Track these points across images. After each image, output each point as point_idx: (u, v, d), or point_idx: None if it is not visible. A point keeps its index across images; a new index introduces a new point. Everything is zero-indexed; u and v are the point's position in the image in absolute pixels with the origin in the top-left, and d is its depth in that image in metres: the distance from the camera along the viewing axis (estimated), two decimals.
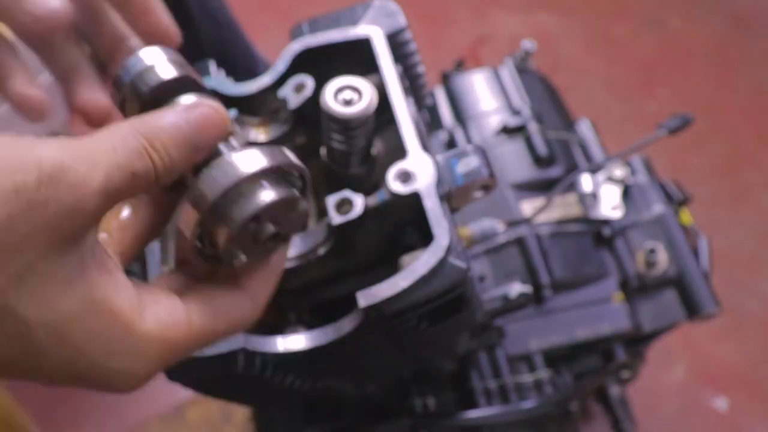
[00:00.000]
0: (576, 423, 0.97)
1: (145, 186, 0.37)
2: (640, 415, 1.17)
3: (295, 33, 0.60)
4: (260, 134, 0.58)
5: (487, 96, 1.07)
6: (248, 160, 0.37)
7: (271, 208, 0.37)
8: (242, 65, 1.09)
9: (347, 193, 0.53)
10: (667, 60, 1.93)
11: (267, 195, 0.37)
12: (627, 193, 0.98)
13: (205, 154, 0.39)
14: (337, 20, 0.60)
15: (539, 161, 0.98)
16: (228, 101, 0.57)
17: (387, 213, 0.56)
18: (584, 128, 1.07)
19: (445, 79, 1.11)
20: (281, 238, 0.42)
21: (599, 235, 0.95)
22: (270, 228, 0.40)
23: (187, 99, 0.40)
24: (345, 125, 0.51)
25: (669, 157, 1.59)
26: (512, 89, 1.07)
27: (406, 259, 0.60)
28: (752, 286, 1.50)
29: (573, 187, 0.97)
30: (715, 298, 0.91)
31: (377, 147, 0.58)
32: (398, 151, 0.54)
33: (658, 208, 0.97)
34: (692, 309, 0.92)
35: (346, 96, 0.51)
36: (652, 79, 1.88)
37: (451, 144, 1.04)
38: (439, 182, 0.52)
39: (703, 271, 0.93)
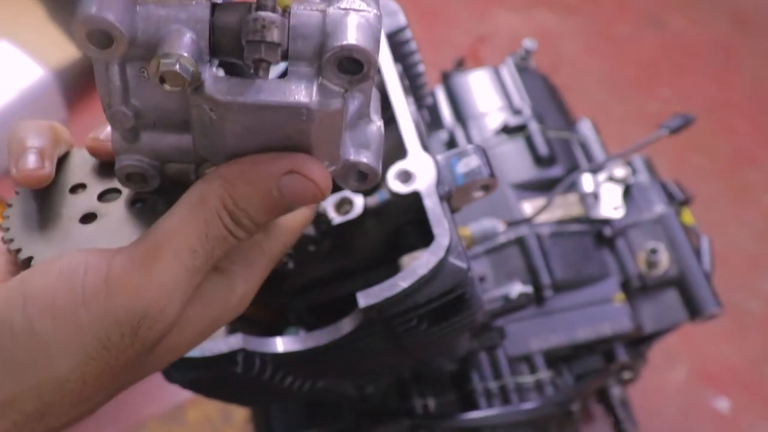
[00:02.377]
0: (577, 424, 0.96)
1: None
2: (641, 415, 1.16)
3: None
4: None
5: (487, 95, 1.07)
6: None
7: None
8: None
9: (347, 193, 0.53)
10: (668, 59, 1.92)
11: None
12: (628, 193, 0.98)
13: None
14: None
15: (540, 161, 0.97)
16: None
17: (387, 213, 0.56)
18: (585, 128, 1.07)
19: (446, 79, 1.11)
20: None
21: (600, 235, 0.95)
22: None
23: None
24: None
25: (670, 156, 1.59)
26: (513, 89, 1.06)
27: (406, 259, 0.59)
28: (754, 287, 1.49)
29: (574, 186, 0.97)
30: (716, 298, 0.91)
31: None
32: (398, 151, 0.54)
33: (660, 208, 0.96)
34: (694, 309, 0.92)
35: None
36: (653, 78, 1.88)
37: (451, 144, 1.03)
38: (440, 182, 0.52)
39: (705, 272, 0.92)
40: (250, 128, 0.35)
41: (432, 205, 0.51)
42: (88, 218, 0.42)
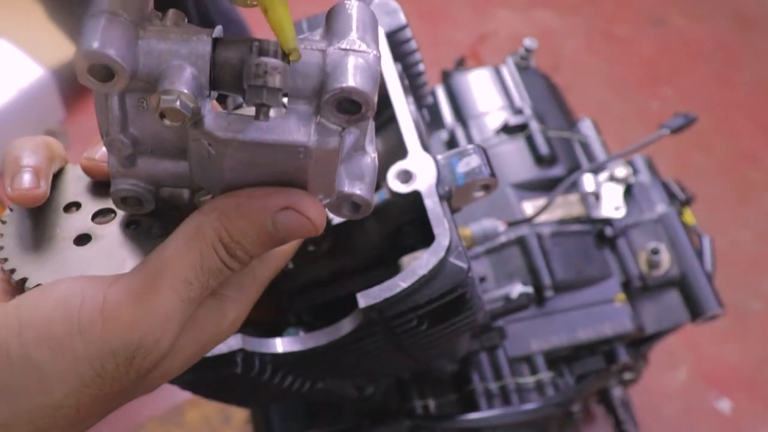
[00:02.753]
0: (578, 424, 0.96)
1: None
2: (642, 416, 1.16)
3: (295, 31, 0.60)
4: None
5: (488, 95, 1.06)
6: None
7: None
8: None
9: None
10: (669, 59, 1.92)
11: None
12: (629, 193, 0.98)
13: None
14: None
15: (541, 160, 0.97)
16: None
17: (387, 213, 0.55)
18: (586, 127, 1.07)
19: (446, 78, 1.11)
20: None
21: (601, 235, 0.95)
22: None
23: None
24: None
25: (672, 156, 1.59)
26: (513, 88, 1.06)
27: (406, 259, 0.59)
28: (756, 287, 1.49)
29: (575, 186, 0.96)
30: (718, 298, 0.91)
31: (377, 146, 0.58)
32: (398, 151, 0.53)
33: (661, 207, 0.96)
34: (695, 310, 0.91)
35: None
36: (654, 77, 1.87)
37: (451, 143, 1.03)
38: (440, 182, 0.51)
39: (707, 272, 0.92)
40: (248, 163, 0.35)
41: (432, 204, 0.50)
42: (83, 239, 0.42)
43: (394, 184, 0.52)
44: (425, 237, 0.50)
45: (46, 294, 0.35)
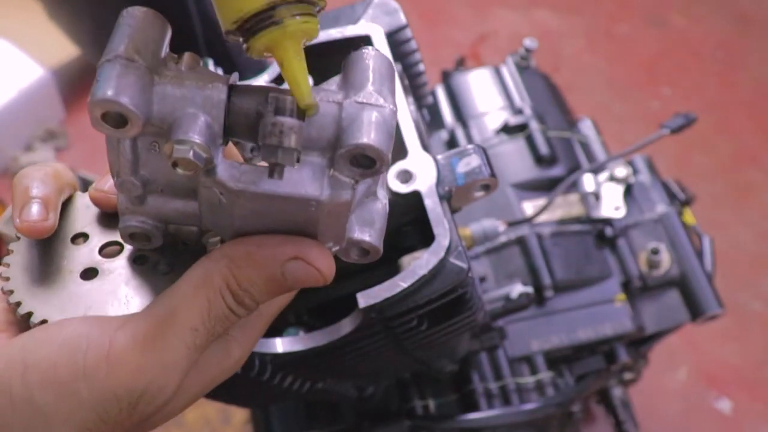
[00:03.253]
0: (578, 424, 0.96)
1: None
2: (642, 416, 1.16)
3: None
4: None
5: (488, 95, 1.06)
6: None
7: None
8: (243, 64, 1.09)
9: None
10: (669, 58, 1.92)
11: None
12: (629, 193, 0.97)
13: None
14: (336, 18, 0.60)
15: (541, 160, 0.97)
16: None
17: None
18: (586, 127, 1.07)
19: (446, 78, 1.11)
20: None
21: (601, 235, 0.95)
22: None
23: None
24: None
25: (672, 156, 1.58)
26: (513, 88, 1.06)
27: (406, 259, 0.59)
28: (756, 287, 1.49)
29: (575, 186, 0.96)
30: (718, 298, 0.91)
31: None
32: (398, 151, 0.53)
33: (661, 207, 0.96)
34: (696, 310, 0.91)
35: None
36: (654, 77, 1.87)
37: (451, 143, 1.03)
38: (440, 182, 0.51)
39: (707, 272, 0.92)
40: (259, 213, 0.35)
41: (432, 205, 0.50)
42: (89, 274, 0.41)
43: (394, 184, 0.52)
44: (425, 237, 0.50)
45: (52, 335, 0.35)
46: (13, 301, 0.40)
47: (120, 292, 0.40)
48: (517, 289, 0.82)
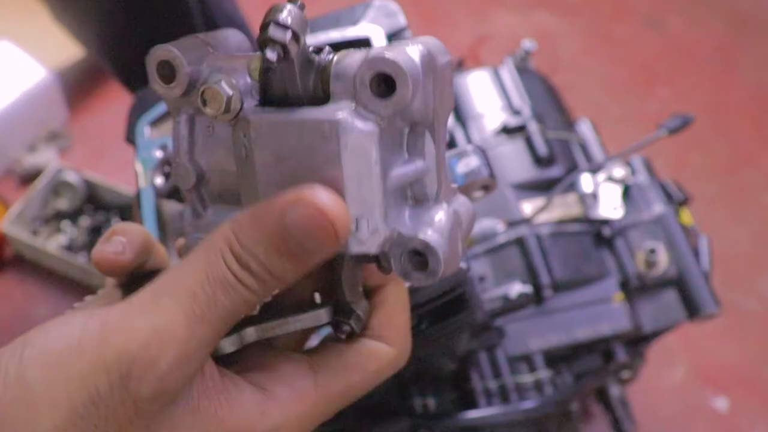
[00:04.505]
0: (576, 423, 0.96)
1: (247, 310, 0.33)
2: (640, 415, 1.16)
3: None
4: None
5: (487, 96, 1.07)
6: None
7: None
8: None
9: None
10: (667, 60, 1.92)
11: None
12: (627, 193, 0.98)
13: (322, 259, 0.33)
14: (337, 20, 0.60)
15: (539, 161, 0.98)
16: None
17: None
18: (584, 128, 1.07)
19: None
20: None
21: (599, 235, 0.95)
22: None
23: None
24: None
25: (669, 157, 1.59)
26: (512, 89, 1.07)
27: None
28: (753, 286, 1.50)
29: (573, 187, 0.97)
30: (715, 298, 0.91)
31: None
32: None
33: (659, 208, 0.97)
34: (693, 309, 0.92)
35: None
36: (652, 78, 1.88)
37: (451, 144, 1.03)
38: None
39: (704, 271, 0.92)
40: (280, 156, 0.34)
41: None
42: None
43: None
44: None
45: (66, 316, 0.33)
46: None
47: None
48: (516, 289, 0.83)
